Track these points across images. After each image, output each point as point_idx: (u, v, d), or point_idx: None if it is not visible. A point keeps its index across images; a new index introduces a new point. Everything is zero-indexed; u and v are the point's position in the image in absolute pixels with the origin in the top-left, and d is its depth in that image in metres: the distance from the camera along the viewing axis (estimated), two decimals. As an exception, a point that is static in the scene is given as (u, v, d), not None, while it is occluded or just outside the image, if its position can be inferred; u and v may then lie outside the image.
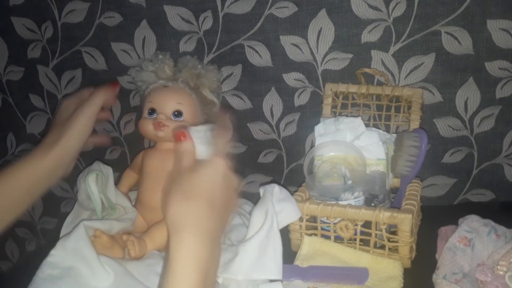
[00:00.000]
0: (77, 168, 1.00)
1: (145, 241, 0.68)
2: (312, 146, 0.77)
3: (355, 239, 0.68)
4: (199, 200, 0.49)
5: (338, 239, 0.69)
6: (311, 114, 0.84)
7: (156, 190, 0.72)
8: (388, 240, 0.65)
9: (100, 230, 0.64)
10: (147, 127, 0.74)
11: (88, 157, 0.99)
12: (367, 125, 0.76)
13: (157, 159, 0.75)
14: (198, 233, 0.48)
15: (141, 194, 0.76)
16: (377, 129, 0.77)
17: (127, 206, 0.75)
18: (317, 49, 0.79)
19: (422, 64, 0.77)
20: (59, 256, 0.62)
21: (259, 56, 0.82)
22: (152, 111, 0.75)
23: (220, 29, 0.81)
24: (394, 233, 0.66)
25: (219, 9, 0.80)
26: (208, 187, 0.51)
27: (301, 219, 0.69)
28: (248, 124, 0.88)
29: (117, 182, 0.80)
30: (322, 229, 0.69)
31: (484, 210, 0.69)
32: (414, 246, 0.67)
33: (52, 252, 0.63)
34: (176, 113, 0.74)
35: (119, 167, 0.86)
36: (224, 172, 0.52)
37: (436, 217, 0.74)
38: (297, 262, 0.66)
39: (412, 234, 0.64)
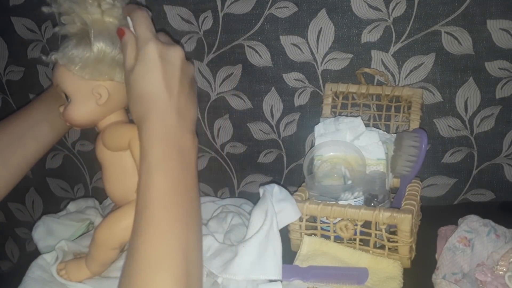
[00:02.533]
0: (78, 168, 1.01)
1: (84, 263, 0.63)
2: (312, 146, 0.77)
3: (354, 239, 0.68)
4: (148, 93, 0.51)
5: (338, 239, 0.69)
6: (311, 114, 0.84)
7: (108, 183, 0.65)
8: (388, 240, 0.65)
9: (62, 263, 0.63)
10: None
11: (88, 157, 0.99)
12: (367, 125, 0.76)
13: (97, 146, 0.65)
14: (156, 119, 0.50)
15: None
16: (377, 129, 0.77)
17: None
18: (317, 49, 0.79)
19: (422, 64, 0.77)
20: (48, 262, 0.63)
21: (259, 56, 0.82)
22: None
23: (220, 29, 0.81)
24: (394, 233, 0.66)
25: (219, 9, 0.80)
26: (152, 77, 0.51)
27: (300, 219, 0.69)
28: (248, 124, 0.88)
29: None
30: (322, 229, 0.69)
31: (484, 210, 0.69)
32: (413, 246, 0.67)
33: (43, 256, 0.63)
34: (65, 96, 0.62)
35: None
36: (159, 53, 0.52)
37: (436, 217, 0.74)
38: (296, 262, 0.66)
39: (412, 234, 0.64)
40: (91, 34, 0.57)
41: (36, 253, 0.66)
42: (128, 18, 0.57)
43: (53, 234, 0.68)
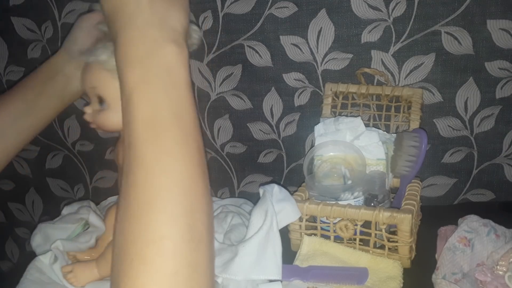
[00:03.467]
0: (78, 168, 1.01)
1: (93, 267, 0.61)
2: (312, 146, 0.77)
3: (354, 239, 0.68)
4: (117, 2, 0.43)
5: (338, 239, 0.69)
6: (311, 114, 0.84)
7: None
8: (388, 240, 0.65)
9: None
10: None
11: (88, 157, 0.99)
12: (367, 125, 0.76)
13: (119, 154, 0.62)
14: (129, 24, 0.42)
15: None
16: (377, 129, 0.77)
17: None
18: (317, 49, 0.79)
19: (422, 64, 0.77)
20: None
21: (259, 56, 0.82)
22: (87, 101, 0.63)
23: (220, 29, 0.81)
24: (393, 233, 0.66)
25: (219, 9, 0.80)
26: None
27: (300, 219, 0.69)
28: (248, 124, 0.88)
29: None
30: (321, 229, 0.69)
31: (484, 210, 0.69)
32: (413, 246, 0.67)
33: (40, 257, 0.63)
34: (99, 99, 0.58)
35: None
36: None
37: (436, 217, 0.74)
38: (296, 262, 0.66)
39: (411, 234, 0.64)
40: None
41: (35, 254, 0.66)
42: None
43: (50, 239, 0.67)
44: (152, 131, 0.40)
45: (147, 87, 0.41)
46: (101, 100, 0.58)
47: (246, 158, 0.91)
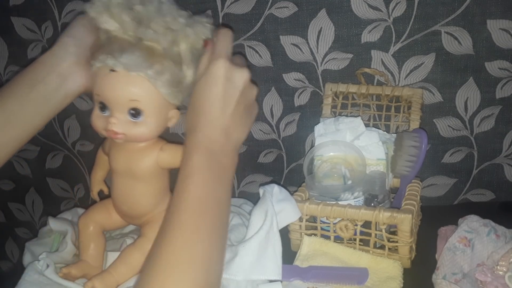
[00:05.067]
0: (78, 168, 1.01)
1: (112, 274, 0.61)
2: (312, 146, 0.77)
3: (354, 239, 0.68)
4: (204, 107, 0.52)
5: (338, 239, 0.69)
6: (311, 114, 0.84)
7: (126, 195, 0.64)
8: (388, 240, 0.65)
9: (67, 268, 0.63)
10: (101, 130, 0.58)
11: (88, 157, 0.99)
12: (367, 125, 0.76)
13: (123, 157, 0.62)
14: (204, 131, 0.51)
15: (113, 194, 0.66)
16: (377, 129, 0.77)
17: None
18: (317, 49, 0.79)
19: (422, 64, 0.77)
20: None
21: (259, 56, 0.82)
22: (103, 107, 0.57)
23: (220, 29, 0.81)
24: (394, 233, 0.66)
25: (219, 9, 0.80)
26: (211, 93, 0.52)
27: (301, 219, 0.69)
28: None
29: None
30: (322, 229, 0.69)
31: (484, 210, 0.69)
32: (414, 246, 0.67)
33: (36, 263, 0.64)
34: (132, 112, 0.56)
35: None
36: (225, 73, 0.52)
37: (436, 217, 0.74)
38: (296, 262, 0.66)
39: (412, 234, 0.64)
40: (189, 59, 0.57)
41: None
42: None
43: (35, 256, 0.68)
44: (198, 209, 0.48)
45: (203, 174, 0.50)
46: (137, 113, 0.57)
47: (246, 158, 0.91)
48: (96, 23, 0.58)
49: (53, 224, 0.72)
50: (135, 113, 0.56)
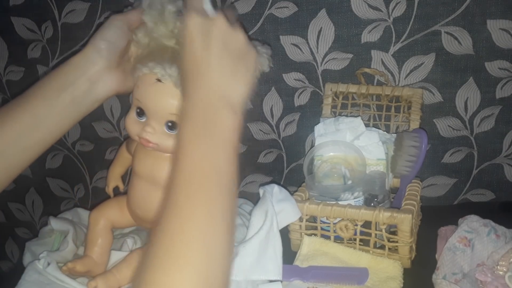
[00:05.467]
0: (78, 168, 1.01)
1: (115, 276, 0.61)
2: (312, 146, 0.77)
3: (355, 239, 0.68)
4: (188, 66, 0.49)
5: (338, 239, 0.69)
6: (311, 114, 0.84)
7: (144, 200, 0.64)
8: (388, 240, 0.65)
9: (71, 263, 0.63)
10: (134, 135, 0.60)
11: (88, 157, 0.99)
12: (367, 125, 0.76)
13: (149, 163, 0.63)
14: (197, 89, 0.47)
15: (130, 195, 0.67)
16: (377, 129, 0.77)
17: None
18: (317, 49, 0.79)
19: (422, 64, 0.77)
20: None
21: (259, 56, 0.82)
22: (141, 112, 0.59)
23: (220, 29, 0.81)
24: (394, 233, 0.66)
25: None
26: (189, 53, 0.49)
27: (301, 219, 0.69)
28: (248, 124, 0.88)
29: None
30: (322, 229, 0.69)
31: (484, 210, 0.69)
32: (414, 246, 0.67)
33: (36, 262, 0.64)
34: (170, 124, 0.58)
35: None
36: (199, 28, 0.49)
37: (436, 217, 0.74)
38: (297, 262, 0.66)
39: (412, 234, 0.64)
40: None
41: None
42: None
43: (36, 255, 0.68)
44: (192, 184, 0.43)
45: (198, 142, 0.45)
46: (174, 126, 0.57)
47: (246, 158, 0.91)
48: (146, 30, 0.58)
49: (55, 223, 0.72)
50: (172, 125, 0.57)
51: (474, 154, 0.81)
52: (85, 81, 0.56)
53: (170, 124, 0.57)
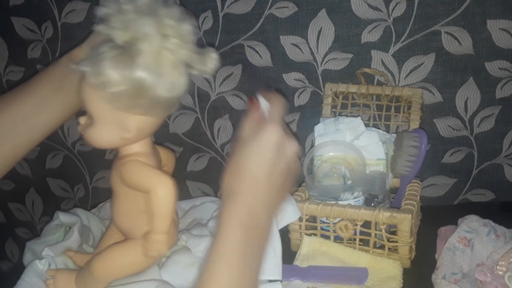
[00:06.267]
0: (78, 168, 1.01)
1: (75, 277, 0.62)
2: (312, 146, 0.77)
3: (354, 239, 0.68)
4: (251, 171, 0.49)
5: (338, 239, 0.69)
6: (311, 114, 0.84)
7: (116, 211, 0.62)
8: (388, 240, 0.65)
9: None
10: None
11: (88, 157, 0.99)
12: (367, 125, 0.76)
13: (112, 171, 0.60)
14: (245, 200, 0.48)
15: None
16: (377, 129, 0.77)
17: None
18: (317, 49, 0.79)
19: (422, 64, 0.77)
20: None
21: (259, 56, 0.82)
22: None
23: (220, 29, 0.81)
24: (393, 233, 0.66)
25: (219, 9, 0.80)
26: (261, 159, 0.49)
27: (300, 219, 0.69)
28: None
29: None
30: (321, 229, 0.69)
31: (484, 210, 0.69)
32: (413, 246, 0.67)
33: (36, 261, 0.63)
34: (88, 115, 0.56)
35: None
36: (278, 141, 0.50)
37: (436, 217, 0.74)
38: (296, 262, 0.66)
39: (411, 234, 0.64)
40: (139, 60, 0.49)
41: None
42: (261, 98, 0.54)
43: (37, 255, 0.68)
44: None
45: (236, 260, 0.46)
46: (89, 117, 0.55)
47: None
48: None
49: (63, 216, 0.72)
50: (88, 116, 0.55)
51: (474, 154, 0.81)
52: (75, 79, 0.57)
53: (88, 114, 0.55)
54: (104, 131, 0.54)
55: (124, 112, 0.52)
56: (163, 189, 0.54)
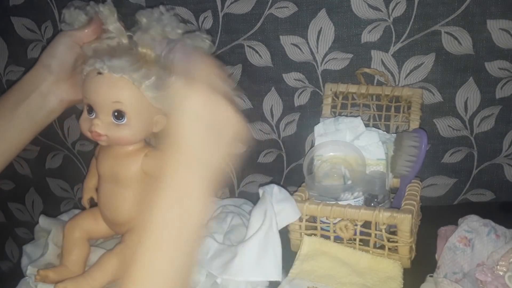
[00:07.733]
0: (78, 168, 1.01)
1: (86, 279, 0.61)
2: (312, 146, 0.77)
3: (354, 239, 0.68)
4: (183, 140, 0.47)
5: (338, 239, 0.69)
6: (311, 114, 0.84)
7: (110, 201, 0.64)
8: (388, 240, 0.65)
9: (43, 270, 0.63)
10: (86, 131, 0.61)
11: (88, 157, 0.99)
12: (367, 125, 0.76)
13: (109, 162, 0.63)
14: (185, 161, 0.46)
15: (98, 199, 0.68)
16: (376, 129, 0.77)
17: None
18: (317, 49, 0.79)
19: (422, 64, 0.77)
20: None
21: (259, 56, 0.82)
22: (90, 109, 0.60)
23: (220, 29, 0.81)
24: (393, 233, 0.66)
25: (219, 9, 0.80)
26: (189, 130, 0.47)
27: (300, 219, 0.69)
28: (248, 124, 0.88)
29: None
30: (321, 229, 0.69)
31: (484, 210, 0.69)
32: (413, 246, 0.67)
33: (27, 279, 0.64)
34: (116, 113, 0.58)
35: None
36: (204, 101, 0.47)
37: (436, 217, 0.74)
38: (296, 262, 0.66)
39: (411, 234, 0.64)
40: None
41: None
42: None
43: (31, 258, 0.69)
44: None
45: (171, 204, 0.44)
46: (120, 115, 0.58)
47: (246, 158, 0.91)
48: (100, 24, 0.61)
49: (42, 221, 0.72)
50: (118, 115, 0.58)
51: (474, 154, 0.81)
52: (37, 95, 0.62)
53: (116, 113, 0.58)
54: (139, 128, 0.59)
55: (156, 107, 0.58)
56: None
